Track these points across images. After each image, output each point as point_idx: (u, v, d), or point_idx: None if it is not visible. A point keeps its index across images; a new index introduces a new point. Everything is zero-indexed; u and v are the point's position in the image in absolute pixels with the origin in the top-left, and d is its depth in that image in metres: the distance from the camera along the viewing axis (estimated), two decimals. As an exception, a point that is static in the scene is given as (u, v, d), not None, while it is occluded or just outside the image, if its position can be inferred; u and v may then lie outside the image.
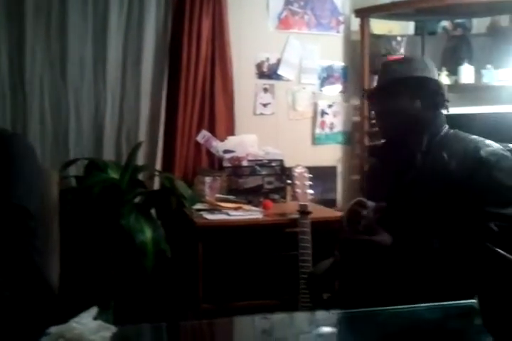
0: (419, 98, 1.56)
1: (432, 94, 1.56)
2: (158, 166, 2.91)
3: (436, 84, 1.58)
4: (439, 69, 2.84)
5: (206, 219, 2.50)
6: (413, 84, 1.56)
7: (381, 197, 1.49)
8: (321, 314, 1.48)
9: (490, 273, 1.17)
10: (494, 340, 0.80)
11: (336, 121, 3.24)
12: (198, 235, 2.46)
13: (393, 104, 1.56)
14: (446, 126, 1.62)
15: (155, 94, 2.92)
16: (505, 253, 0.91)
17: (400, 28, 3.20)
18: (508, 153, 1.51)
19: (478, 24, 3.25)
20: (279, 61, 3.13)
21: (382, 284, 1.49)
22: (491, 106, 2.80)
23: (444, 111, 1.61)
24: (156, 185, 2.85)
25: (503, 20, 3.14)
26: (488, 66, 2.89)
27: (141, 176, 2.74)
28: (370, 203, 1.45)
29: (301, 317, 1.54)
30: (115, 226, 2.30)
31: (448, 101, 1.59)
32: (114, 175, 2.53)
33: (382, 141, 1.74)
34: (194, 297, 2.50)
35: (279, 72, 3.14)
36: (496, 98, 2.95)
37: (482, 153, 1.48)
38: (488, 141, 1.54)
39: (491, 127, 2.43)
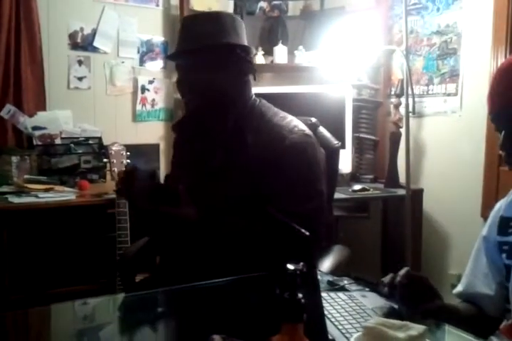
0: (228, 67, 1.42)
1: (241, 61, 1.45)
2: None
3: (245, 49, 1.46)
4: (256, 49, 2.91)
5: (11, 202, 2.28)
6: (223, 52, 1.42)
7: (184, 180, 1.44)
8: (141, 295, 1.43)
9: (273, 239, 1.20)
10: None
11: (157, 97, 3.16)
12: (1, 221, 2.23)
13: (200, 73, 1.41)
14: (253, 96, 1.52)
15: None
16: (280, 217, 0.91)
17: (220, 6, 3.20)
18: (311, 139, 1.46)
19: (294, 7, 3.40)
20: (94, 32, 2.95)
21: (188, 261, 1.46)
22: (303, 86, 2.95)
23: (252, 79, 1.51)
24: (-48, 166, 2.52)
25: (315, 4, 3.31)
26: (300, 47, 3.03)
27: None
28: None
29: (121, 299, 1.48)
30: None
31: (255, 69, 1.49)
32: None
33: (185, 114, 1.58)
34: (0, 289, 2.27)
35: (95, 43, 2.96)
36: (308, 78, 3.12)
37: (287, 143, 1.40)
38: (293, 124, 1.46)
39: (304, 106, 2.56)
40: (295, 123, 1.47)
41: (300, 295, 0.59)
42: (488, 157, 2.57)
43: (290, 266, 0.59)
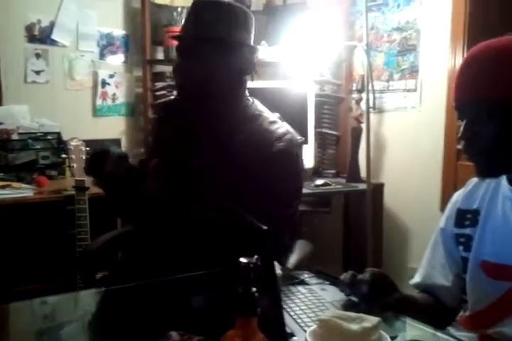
0: (231, 64, 1.42)
1: (244, 61, 1.45)
2: None
3: (252, 50, 1.48)
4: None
5: (-35, 200, 2.21)
6: (231, 49, 1.42)
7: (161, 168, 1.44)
8: (99, 292, 1.41)
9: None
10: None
11: (118, 92, 3.11)
12: (-46, 219, 2.16)
13: (202, 63, 1.39)
14: (248, 96, 1.51)
15: None
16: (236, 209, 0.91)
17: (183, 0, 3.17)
18: (297, 148, 1.48)
19: (256, 1, 3.39)
20: (52, 24, 2.87)
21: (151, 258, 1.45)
22: (265, 81, 2.94)
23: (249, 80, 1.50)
24: None
25: (278, -1, 3.31)
26: (263, 42, 3.02)
27: None
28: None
29: (84, 297, 1.45)
30: None
31: (256, 70, 1.49)
32: None
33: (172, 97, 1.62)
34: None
35: (53, 36, 2.88)
36: (270, 73, 3.12)
37: (274, 149, 1.42)
38: (282, 131, 1.46)
39: (266, 101, 2.55)
40: (284, 130, 1.47)
41: (253, 289, 0.58)
42: (446, 151, 2.62)
43: (243, 260, 0.59)
